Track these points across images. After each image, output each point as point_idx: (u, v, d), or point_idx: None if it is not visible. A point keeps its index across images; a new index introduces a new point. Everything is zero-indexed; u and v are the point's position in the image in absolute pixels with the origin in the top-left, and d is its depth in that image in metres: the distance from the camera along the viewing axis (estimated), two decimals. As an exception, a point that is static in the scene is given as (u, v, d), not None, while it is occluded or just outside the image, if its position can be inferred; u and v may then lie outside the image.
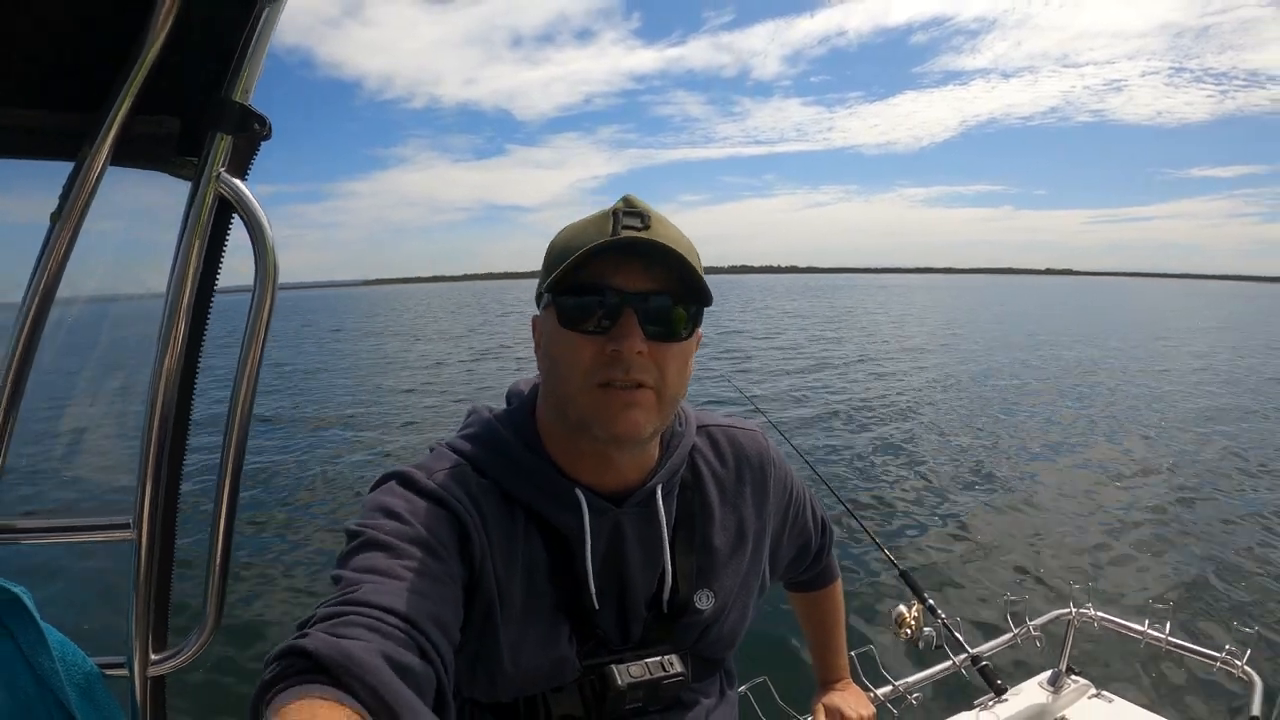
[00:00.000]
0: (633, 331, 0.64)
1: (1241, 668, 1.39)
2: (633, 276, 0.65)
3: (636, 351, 0.64)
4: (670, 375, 0.67)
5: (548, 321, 0.69)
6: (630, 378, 0.65)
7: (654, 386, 0.66)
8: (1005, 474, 6.55)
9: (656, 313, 0.66)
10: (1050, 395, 10.82)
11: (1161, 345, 18.91)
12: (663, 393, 0.67)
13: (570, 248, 0.66)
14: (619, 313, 0.65)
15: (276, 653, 0.51)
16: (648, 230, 0.66)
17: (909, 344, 18.62)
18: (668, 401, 0.69)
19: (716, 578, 0.79)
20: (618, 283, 0.65)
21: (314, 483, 6.46)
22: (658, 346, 0.66)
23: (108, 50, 0.61)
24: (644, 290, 0.65)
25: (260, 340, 0.69)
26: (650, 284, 0.66)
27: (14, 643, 0.64)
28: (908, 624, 1.44)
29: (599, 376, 0.65)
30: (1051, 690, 1.56)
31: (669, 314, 0.67)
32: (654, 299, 0.66)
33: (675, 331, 0.67)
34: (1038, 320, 29.15)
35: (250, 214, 0.68)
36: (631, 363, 0.64)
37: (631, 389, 0.65)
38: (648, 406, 0.67)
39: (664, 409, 0.69)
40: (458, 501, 0.67)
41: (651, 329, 0.66)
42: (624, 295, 0.65)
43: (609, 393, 0.65)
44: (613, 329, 0.65)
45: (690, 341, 0.70)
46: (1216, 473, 6.58)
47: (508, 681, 0.69)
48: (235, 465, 0.72)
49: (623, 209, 0.67)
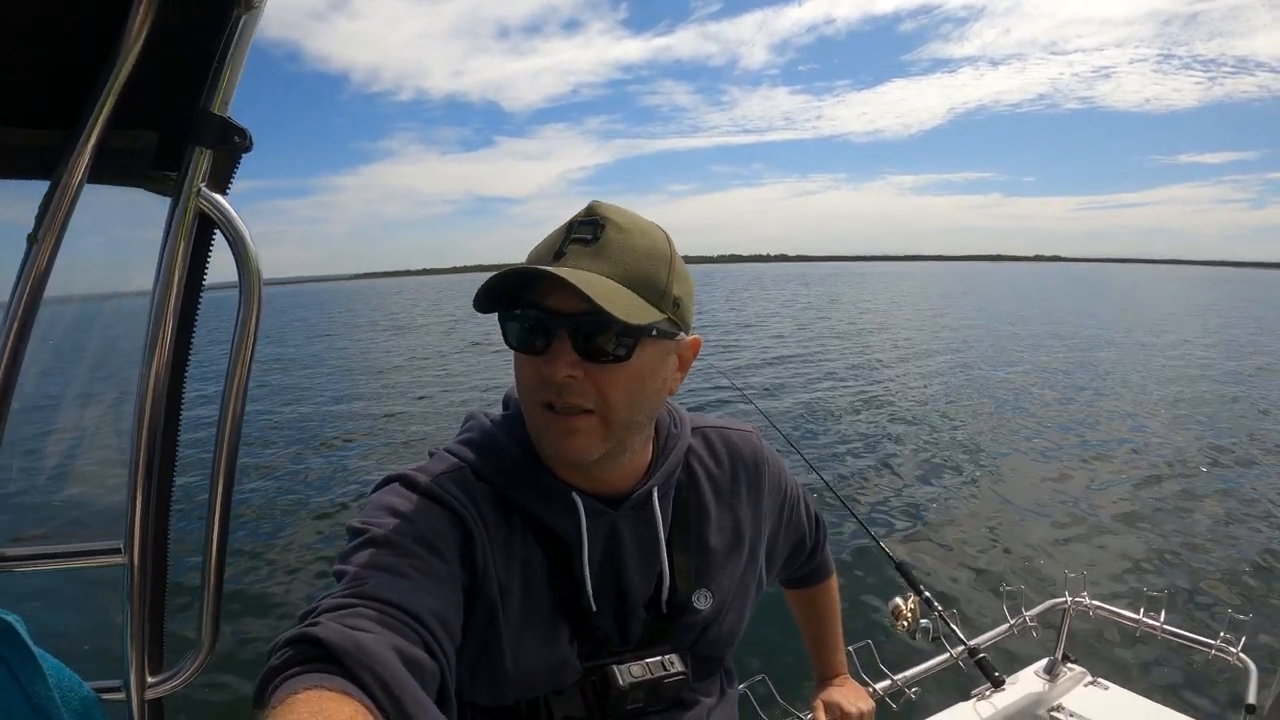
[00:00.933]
0: (561, 354, 0.63)
1: (1237, 654, 1.40)
2: (565, 297, 0.62)
3: (567, 375, 0.63)
4: (615, 398, 0.65)
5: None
6: (565, 401, 0.64)
7: (595, 410, 0.65)
8: (999, 464, 6.60)
9: (587, 334, 0.63)
10: (1044, 384, 10.88)
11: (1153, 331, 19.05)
12: (608, 416, 0.66)
13: (530, 262, 0.67)
14: (552, 335, 0.64)
15: (286, 639, 0.51)
16: (595, 242, 0.64)
17: (900, 335, 18.68)
18: (617, 425, 0.67)
19: (714, 577, 0.80)
20: (552, 303, 0.63)
21: (306, 497, 6.40)
22: (596, 369, 0.64)
23: (82, 64, 0.59)
24: (573, 311, 0.63)
25: (247, 356, 0.68)
26: (581, 304, 0.61)
27: (8, 670, 0.63)
28: (905, 617, 1.44)
29: (539, 397, 0.66)
30: (1048, 679, 1.58)
31: (598, 335, 0.63)
32: (585, 320, 0.63)
33: (608, 353, 0.64)
34: (1027, 308, 29.30)
35: (233, 229, 0.67)
36: (563, 386, 0.64)
37: (573, 414, 0.65)
38: (589, 432, 0.66)
39: (613, 432, 0.67)
40: (459, 504, 0.67)
41: (585, 350, 0.64)
42: (555, 317, 0.63)
43: (552, 416, 0.66)
44: (545, 351, 0.64)
45: (639, 361, 0.65)
46: (1213, 460, 6.63)
47: (509, 684, 0.69)
48: (226, 483, 0.71)
49: (580, 219, 0.67)
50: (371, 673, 0.47)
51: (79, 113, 0.60)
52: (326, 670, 0.47)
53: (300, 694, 0.44)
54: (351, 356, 19.52)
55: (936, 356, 14.14)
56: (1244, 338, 17.57)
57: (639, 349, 0.65)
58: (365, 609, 0.54)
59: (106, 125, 0.60)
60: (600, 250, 0.64)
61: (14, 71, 0.59)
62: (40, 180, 0.62)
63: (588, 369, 0.64)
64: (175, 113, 0.64)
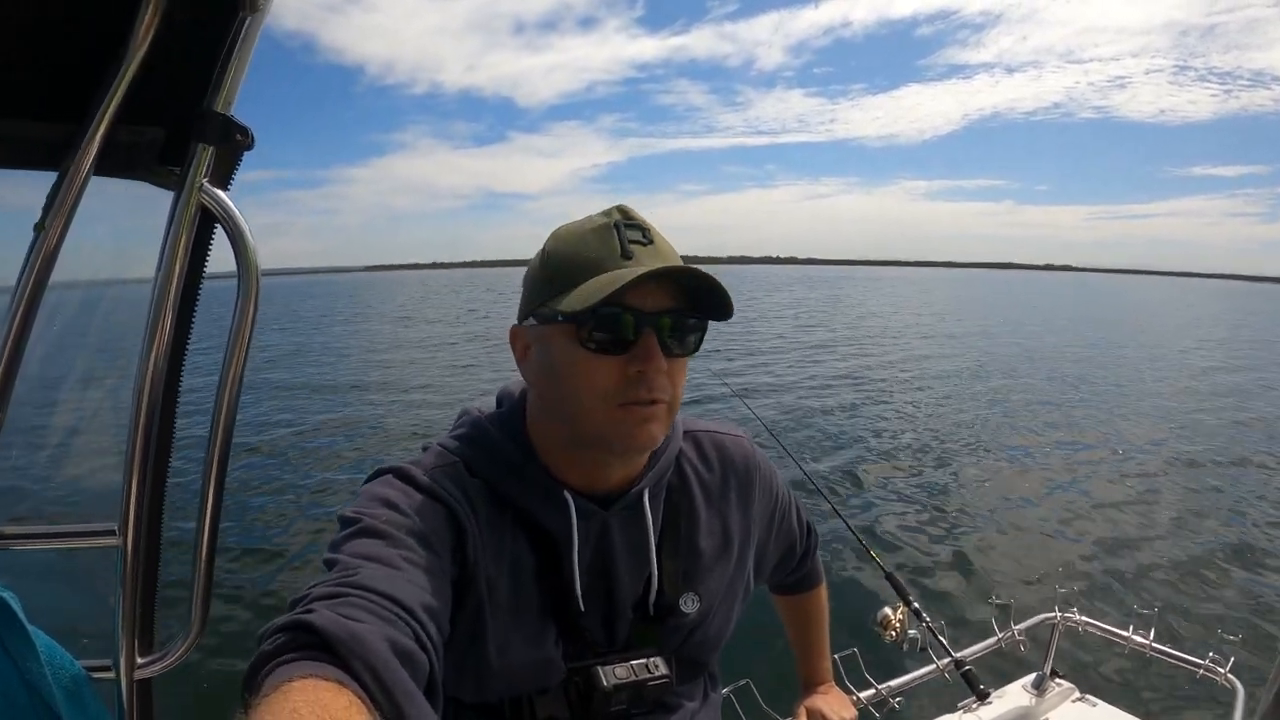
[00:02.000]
0: (654, 353, 0.65)
1: (1225, 675, 1.39)
2: (651, 296, 0.65)
3: (661, 371, 0.66)
4: (679, 389, 0.70)
5: (555, 338, 0.68)
6: (654, 398, 0.66)
7: (668, 401, 0.68)
8: (993, 476, 6.56)
9: (674, 331, 0.67)
10: (1041, 396, 10.81)
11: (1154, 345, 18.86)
12: (673, 405, 0.70)
13: (578, 264, 0.67)
14: (639, 333, 0.65)
15: (279, 625, 0.51)
16: (653, 245, 0.67)
17: (897, 343, 18.59)
18: (675, 412, 0.71)
19: (702, 581, 0.80)
20: (638, 303, 0.65)
21: (297, 485, 6.45)
22: (673, 363, 0.68)
23: (90, 60, 0.61)
24: (662, 310, 0.66)
25: (244, 348, 0.70)
26: (668, 302, 0.66)
27: (2, 647, 0.65)
28: (893, 626, 1.44)
29: (621, 397, 0.66)
30: (1035, 694, 1.57)
31: (685, 331, 0.68)
32: (670, 317, 0.67)
33: (689, 347, 0.69)
34: (1029, 317, 29.03)
35: (233, 224, 0.68)
36: (655, 384, 0.66)
37: (648, 405, 0.67)
38: (662, 419, 0.68)
39: (672, 419, 0.71)
40: (452, 498, 0.68)
41: (669, 347, 0.67)
42: (644, 315, 0.65)
43: (628, 410, 0.66)
44: (634, 349, 0.65)
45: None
46: (1206, 478, 6.58)
47: (494, 681, 0.70)
48: (219, 470, 0.72)
49: (622, 221, 0.68)
50: (364, 663, 0.47)
51: (86, 108, 0.62)
52: (320, 658, 0.47)
53: (295, 682, 0.44)
54: (352, 346, 19.66)
55: (935, 364, 14.08)
56: (1248, 352, 17.38)
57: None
58: (358, 598, 0.54)
59: (113, 120, 0.62)
60: (659, 253, 0.68)
61: (24, 67, 0.61)
62: (48, 172, 0.64)
63: (668, 364, 0.67)
64: (180, 110, 0.66)
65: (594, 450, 0.71)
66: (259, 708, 0.41)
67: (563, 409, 0.70)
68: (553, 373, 0.69)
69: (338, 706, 0.42)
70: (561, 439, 0.72)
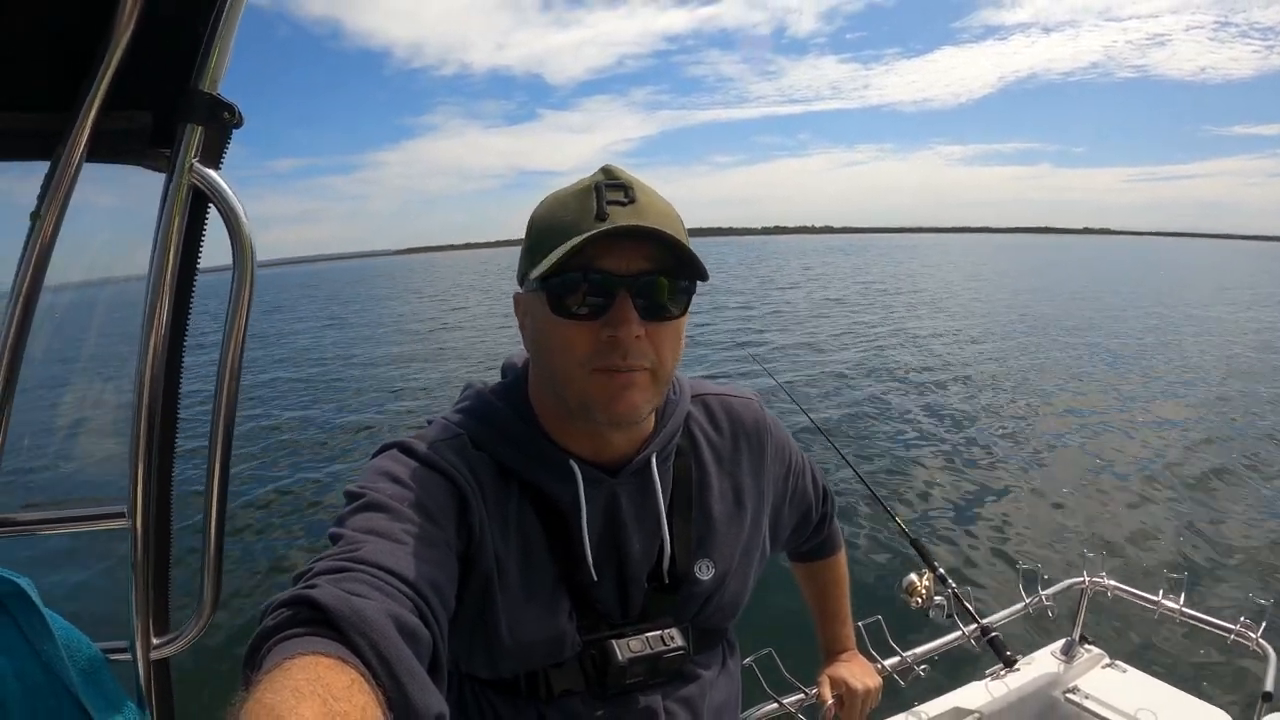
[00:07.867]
0: (628, 316, 0.63)
1: (1256, 640, 1.35)
2: (624, 257, 0.63)
3: (635, 336, 0.63)
4: (665, 355, 0.67)
5: (536, 305, 0.67)
6: (629, 364, 0.64)
7: (650, 367, 0.66)
8: (1019, 440, 6.46)
9: (650, 294, 0.64)
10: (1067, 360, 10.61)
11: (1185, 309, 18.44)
12: (658, 372, 0.67)
13: (554, 228, 0.65)
14: (613, 296, 0.63)
15: (282, 600, 0.50)
16: (633, 204, 0.64)
17: (926, 308, 18.33)
18: (663, 380, 0.68)
19: (716, 546, 0.79)
20: (609, 265, 0.63)
21: (303, 463, 6.55)
22: (654, 327, 0.65)
23: (75, 49, 0.62)
24: (636, 271, 0.64)
25: (241, 325, 0.70)
26: (644, 264, 0.64)
27: (20, 631, 0.66)
28: (918, 593, 1.42)
29: (596, 362, 0.64)
30: (1064, 660, 1.54)
31: (663, 294, 0.65)
32: (647, 279, 0.64)
33: (669, 311, 0.66)
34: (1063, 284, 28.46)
35: (225, 203, 0.69)
36: (629, 348, 0.64)
37: (628, 371, 0.65)
38: (644, 387, 0.66)
39: (659, 387, 0.68)
40: (457, 471, 0.67)
41: (646, 310, 0.64)
42: (617, 278, 0.63)
43: (607, 376, 0.65)
44: (607, 313, 0.63)
45: (683, 318, 0.68)
46: (1238, 442, 6.41)
47: (507, 655, 0.69)
48: (224, 450, 0.73)
49: (604, 182, 0.65)
50: (367, 639, 0.47)
51: (75, 96, 0.63)
52: (322, 634, 0.47)
53: (296, 659, 0.43)
54: (360, 326, 19.95)
55: (963, 330, 13.88)
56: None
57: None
58: (362, 574, 0.53)
59: (102, 106, 0.63)
60: (641, 211, 0.64)
61: (10, 59, 0.62)
62: (41, 161, 0.65)
63: (647, 328, 0.64)
64: (167, 93, 0.67)
65: (582, 420, 0.69)
66: (260, 684, 0.41)
67: (551, 376, 0.69)
68: (538, 339, 0.69)
69: (339, 684, 0.42)
70: (562, 408, 0.71)
